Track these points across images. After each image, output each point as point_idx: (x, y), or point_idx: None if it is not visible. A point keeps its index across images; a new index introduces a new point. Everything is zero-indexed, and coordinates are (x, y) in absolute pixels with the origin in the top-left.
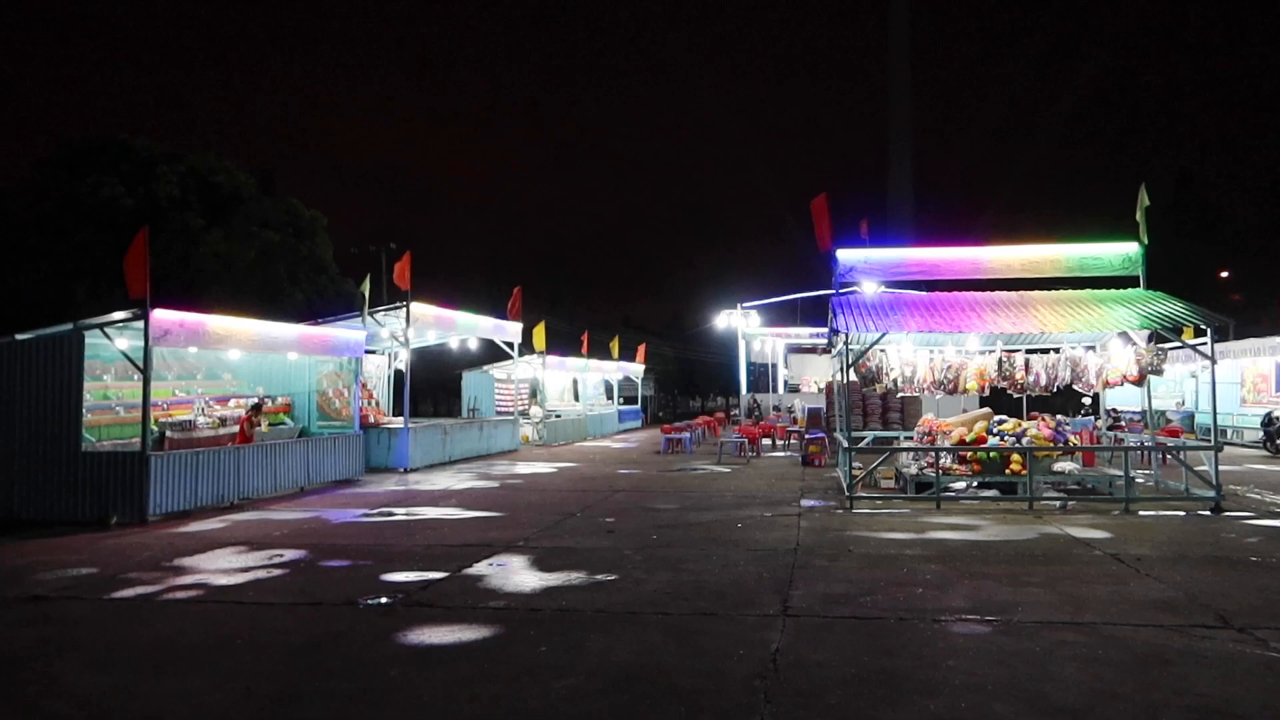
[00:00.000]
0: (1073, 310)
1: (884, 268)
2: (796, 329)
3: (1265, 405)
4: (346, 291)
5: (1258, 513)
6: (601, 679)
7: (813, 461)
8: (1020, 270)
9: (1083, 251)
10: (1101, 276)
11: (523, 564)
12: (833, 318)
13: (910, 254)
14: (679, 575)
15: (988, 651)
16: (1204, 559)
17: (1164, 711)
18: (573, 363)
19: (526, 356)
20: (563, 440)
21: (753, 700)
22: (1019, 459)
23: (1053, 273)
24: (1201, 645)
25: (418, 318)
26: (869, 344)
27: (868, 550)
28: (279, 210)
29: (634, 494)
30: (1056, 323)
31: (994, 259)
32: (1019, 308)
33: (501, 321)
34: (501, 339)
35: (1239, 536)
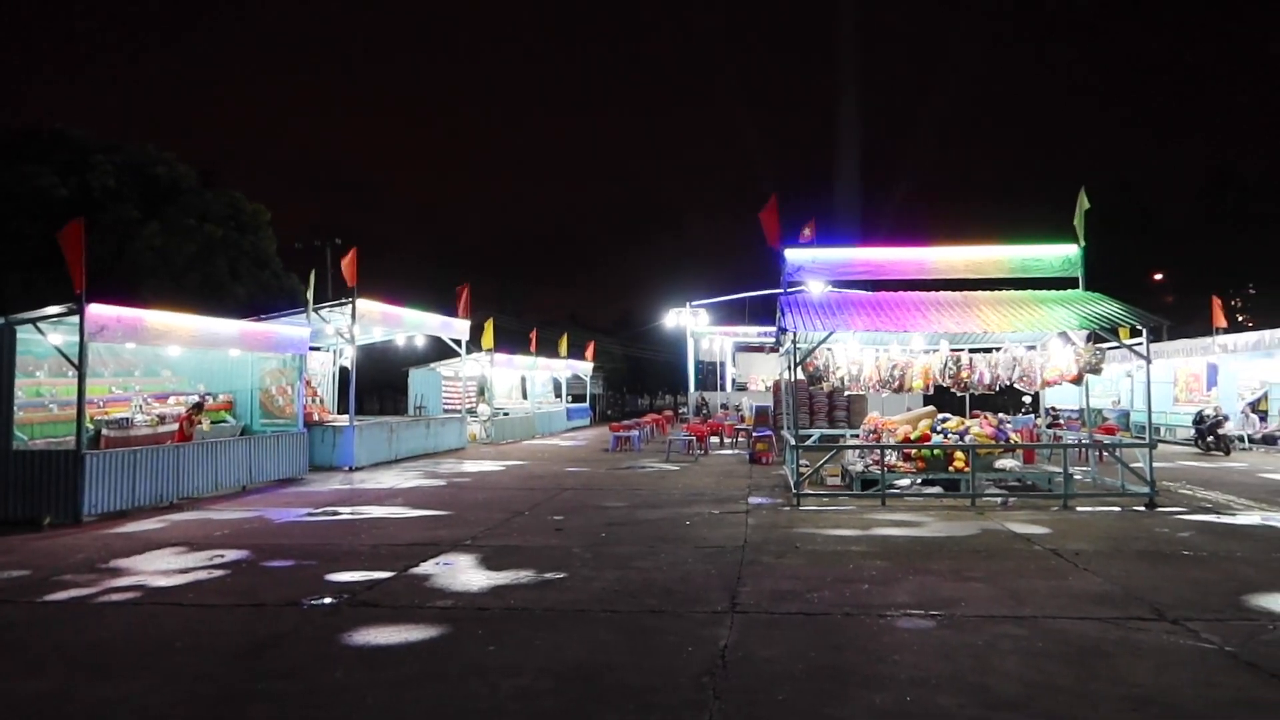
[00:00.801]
0: (1014, 310)
1: (831, 267)
2: (744, 328)
3: (1197, 404)
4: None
5: (1189, 508)
6: (551, 678)
7: (760, 459)
8: (964, 271)
9: (1024, 253)
10: (1042, 277)
11: (470, 563)
12: (780, 316)
13: (857, 254)
14: (628, 573)
15: (932, 645)
16: (1139, 553)
17: (1102, 702)
18: (521, 360)
19: (474, 354)
20: (511, 438)
21: (702, 697)
22: (962, 456)
23: (995, 273)
24: (1137, 637)
25: (364, 314)
26: (816, 343)
27: (815, 547)
28: (221, 203)
29: (582, 492)
30: (999, 323)
31: (938, 259)
32: (963, 308)
33: (449, 319)
34: (449, 336)
35: (1172, 531)
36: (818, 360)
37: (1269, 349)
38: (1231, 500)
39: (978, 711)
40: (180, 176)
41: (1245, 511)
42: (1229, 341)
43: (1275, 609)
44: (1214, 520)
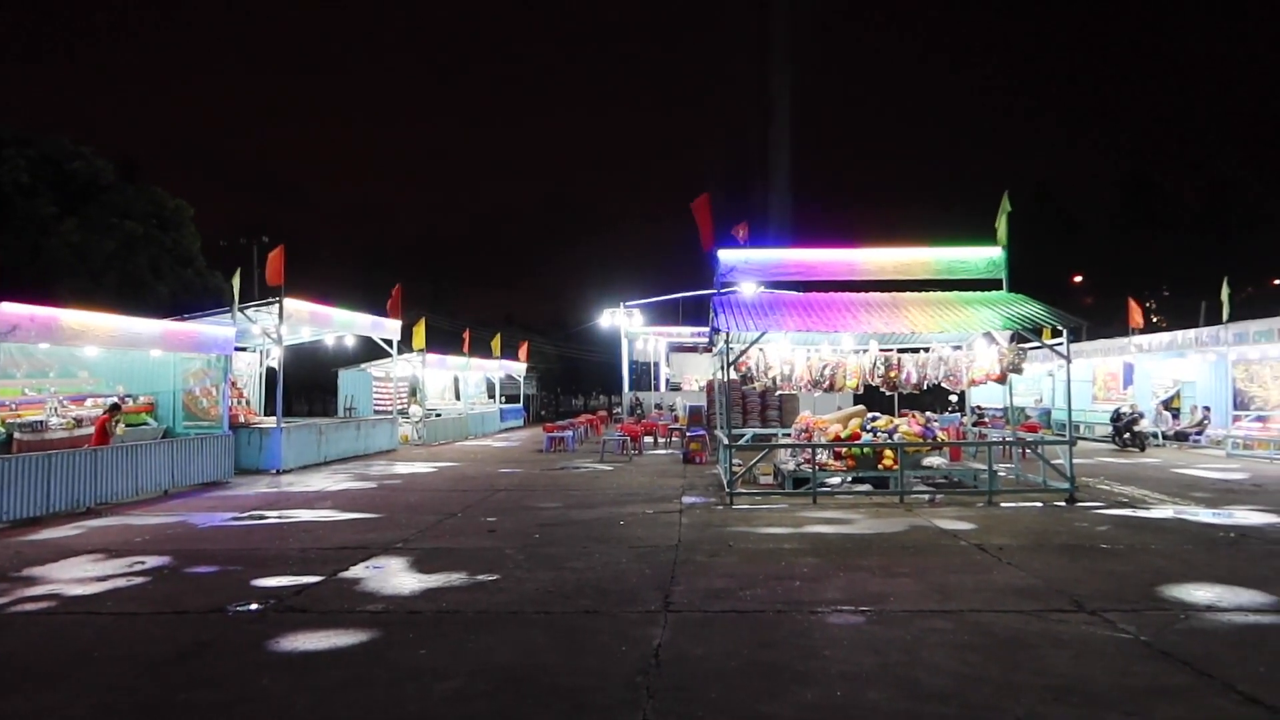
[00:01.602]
0: (941, 311)
1: (763, 268)
2: (678, 328)
3: (1114, 402)
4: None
5: (1107, 503)
6: (484, 680)
7: (694, 459)
8: (893, 272)
9: (950, 255)
10: (968, 279)
11: (402, 566)
12: (714, 317)
13: (789, 255)
14: (561, 574)
15: (862, 641)
16: (1060, 547)
17: (1024, 692)
18: (454, 361)
19: (406, 354)
20: (443, 439)
21: (635, 696)
22: (891, 455)
23: (923, 275)
24: (1058, 629)
25: (292, 314)
26: (749, 343)
27: (747, 545)
28: (142, 199)
29: (516, 493)
30: (926, 323)
31: (868, 261)
32: (891, 308)
33: (380, 318)
34: (380, 336)
35: (1091, 525)
36: (750, 360)
37: (1181, 349)
38: (1146, 495)
39: (906, 705)
40: (99, 171)
41: (1159, 506)
42: (1144, 342)
43: (1186, 599)
44: (1130, 514)
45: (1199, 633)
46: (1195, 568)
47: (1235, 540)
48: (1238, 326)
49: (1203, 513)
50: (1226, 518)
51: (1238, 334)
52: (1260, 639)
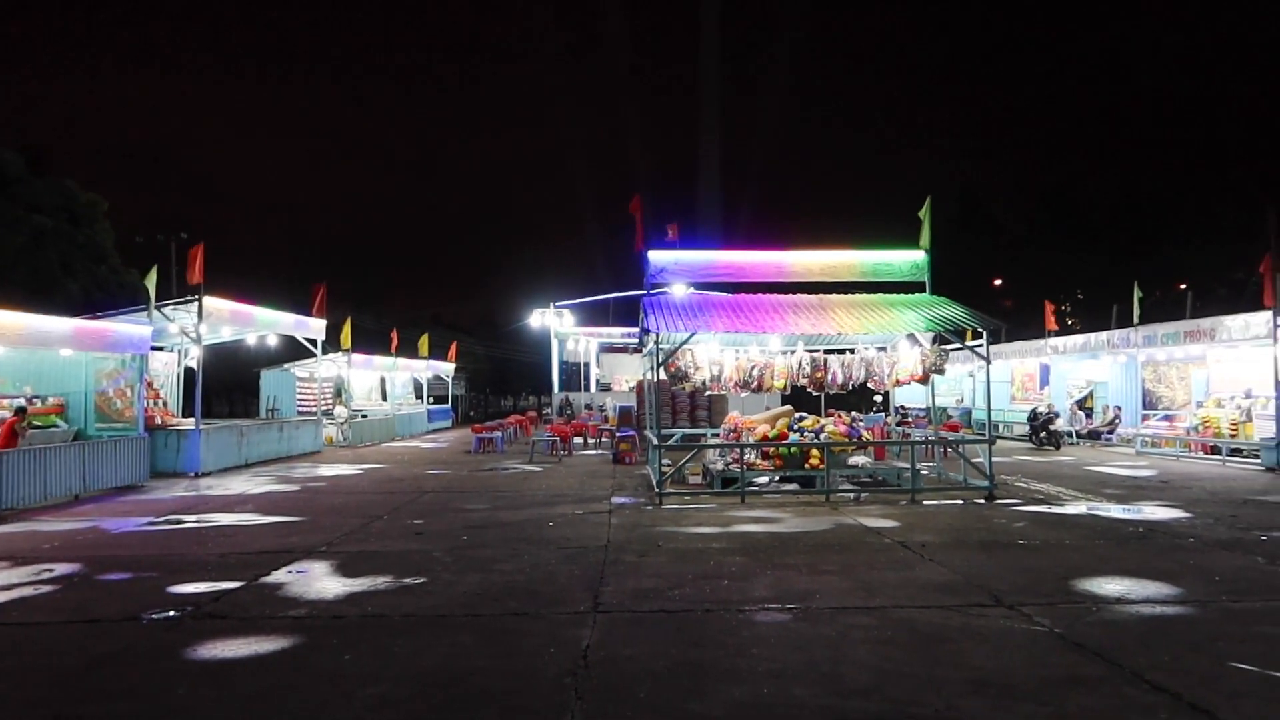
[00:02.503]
0: (866, 313)
1: (693, 269)
2: (609, 328)
3: (1032, 402)
4: (131, 283)
5: (1024, 500)
6: (410, 685)
7: (624, 459)
8: (820, 274)
9: (876, 258)
10: (893, 281)
11: (325, 570)
12: (644, 317)
13: (718, 257)
14: (490, 576)
15: (788, 638)
16: (979, 543)
17: (946, 685)
18: (380, 361)
19: (331, 354)
20: (369, 441)
21: (564, 698)
22: (817, 454)
23: (849, 277)
24: (978, 623)
25: (211, 312)
26: (679, 343)
27: (676, 545)
28: (52, 193)
29: (444, 494)
30: (852, 325)
31: (796, 263)
32: (818, 310)
33: (305, 318)
34: (304, 336)
35: (1009, 522)
36: (680, 361)
37: (1094, 351)
38: (1061, 492)
39: (831, 700)
40: (6, 163)
41: (1073, 502)
42: (1060, 343)
43: (1098, 592)
44: (1046, 511)
45: (1110, 624)
46: (1106, 562)
47: (1143, 535)
48: (1147, 329)
49: (1113, 509)
50: (1135, 513)
51: (1147, 336)
52: (1166, 629)
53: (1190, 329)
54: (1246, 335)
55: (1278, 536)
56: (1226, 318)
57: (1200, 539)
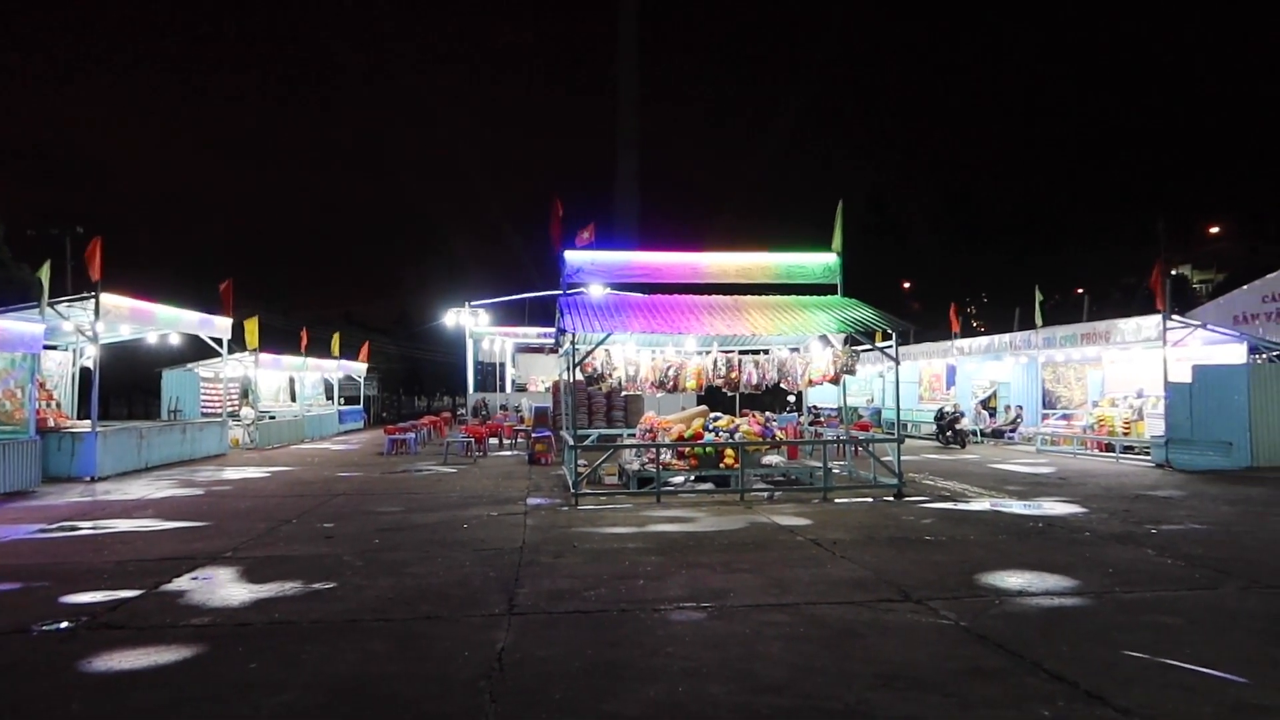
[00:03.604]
0: (780, 315)
1: (610, 270)
2: (525, 328)
3: (938, 402)
4: (21, 279)
5: (931, 497)
6: (319, 692)
7: (539, 460)
8: (735, 276)
9: (790, 260)
10: (806, 283)
11: (230, 576)
12: (560, 317)
13: (635, 257)
14: (402, 579)
15: (703, 636)
16: (888, 540)
17: (855, 680)
18: (289, 361)
19: (237, 354)
20: (277, 443)
21: (478, 701)
22: (732, 454)
23: (763, 279)
24: (887, 618)
25: (109, 310)
26: (595, 344)
27: (592, 545)
28: None
29: (355, 497)
30: (766, 326)
31: (712, 265)
32: (733, 311)
33: (209, 316)
34: (209, 335)
35: (916, 519)
36: (596, 361)
37: (997, 352)
38: (966, 489)
39: (744, 697)
40: None
41: (977, 499)
42: (965, 345)
43: (1001, 586)
44: (952, 508)
45: (1012, 616)
46: (1008, 556)
47: (1043, 530)
48: (1047, 332)
49: (1015, 505)
50: (1036, 509)
51: (1046, 338)
52: (1064, 620)
53: (1087, 331)
54: (1139, 337)
55: (1167, 530)
56: (1120, 321)
57: (1095, 533)
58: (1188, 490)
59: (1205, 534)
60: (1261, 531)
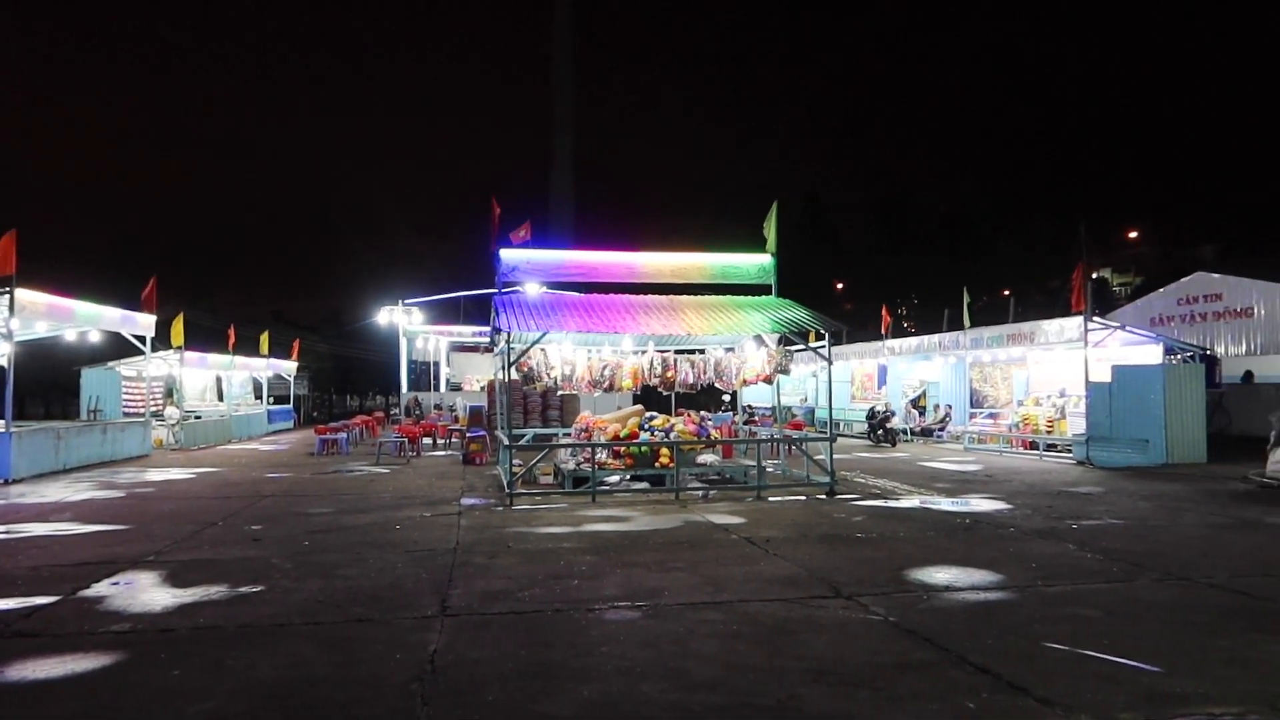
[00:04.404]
0: (715, 315)
1: (546, 269)
2: (459, 327)
3: (870, 401)
4: None
5: (862, 495)
6: (245, 699)
7: (474, 460)
8: (671, 276)
9: (725, 261)
10: (741, 284)
11: (153, 580)
12: (495, 316)
13: (571, 256)
14: (333, 582)
15: (637, 635)
16: (820, 537)
17: (787, 675)
18: (216, 359)
19: (162, 352)
20: (204, 443)
21: (410, 704)
22: (667, 453)
23: (699, 279)
24: (818, 614)
25: (25, 306)
26: (531, 343)
27: (527, 546)
28: None
29: (284, 499)
30: (702, 326)
31: (648, 264)
32: (669, 311)
33: (132, 313)
34: (131, 332)
35: (848, 516)
36: (532, 360)
37: (927, 352)
38: (896, 487)
39: (678, 695)
40: None
41: (907, 496)
42: (896, 345)
43: (929, 581)
44: (882, 505)
45: (939, 611)
46: (936, 552)
47: (970, 526)
48: (974, 332)
49: (944, 502)
50: (963, 506)
51: (974, 339)
52: (989, 614)
53: (1012, 332)
54: (1061, 339)
55: (1087, 525)
56: (1044, 322)
57: (1019, 529)
58: (1107, 486)
59: (1122, 529)
60: (1174, 526)
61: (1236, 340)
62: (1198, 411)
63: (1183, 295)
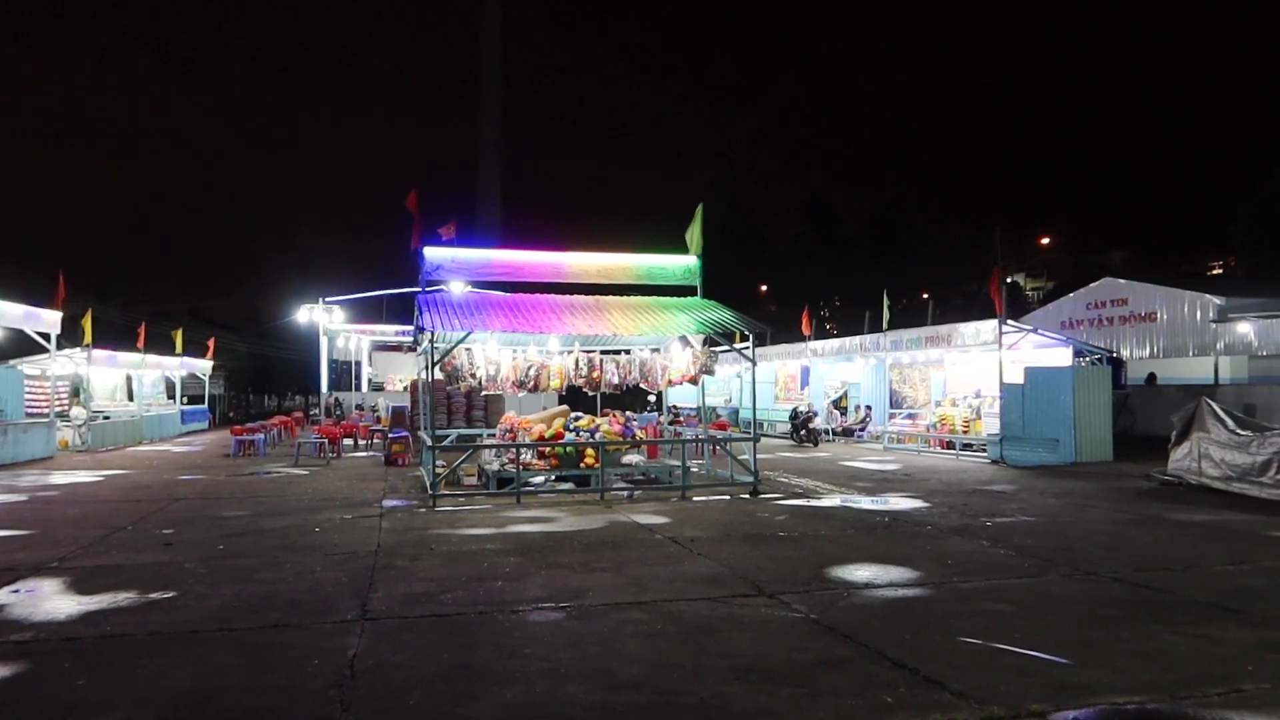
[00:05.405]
0: (641, 315)
1: (471, 268)
2: (382, 326)
3: (793, 402)
4: None
5: (785, 494)
6: (155, 708)
7: (396, 461)
8: (597, 276)
9: (651, 262)
10: (667, 285)
11: (57, 588)
12: (419, 315)
13: (496, 255)
14: (248, 587)
15: (562, 636)
16: (743, 536)
17: (710, 674)
18: (126, 358)
19: (68, 350)
20: (113, 445)
21: (329, 711)
22: (592, 453)
23: (625, 280)
24: (741, 613)
25: None
26: (455, 342)
27: (450, 547)
28: None
29: (198, 502)
30: (627, 326)
31: (574, 264)
32: (595, 311)
33: (36, 309)
34: (35, 329)
35: (771, 515)
36: (456, 360)
37: (849, 354)
38: (818, 486)
39: (602, 695)
40: None
41: (829, 495)
42: (818, 346)
43: (849, 579)
44: (804, 504)
45: (858, 608)
46: (856, 550)
47: (889, 524)
48: (894, 335)
49: (864, 500)
50: (882, 504)
51: (894, 341)
52: (906, 610)
53: (931, 335)
54: (977, 341)
55: (1000, 522)
56: (961, 325)
57: (936, 526)
58: (1019, 485)
59: (1033, 525)
60: (1082, 523)
61: (1141, 343)
62: (1105, 412)
63: (1091, 300)
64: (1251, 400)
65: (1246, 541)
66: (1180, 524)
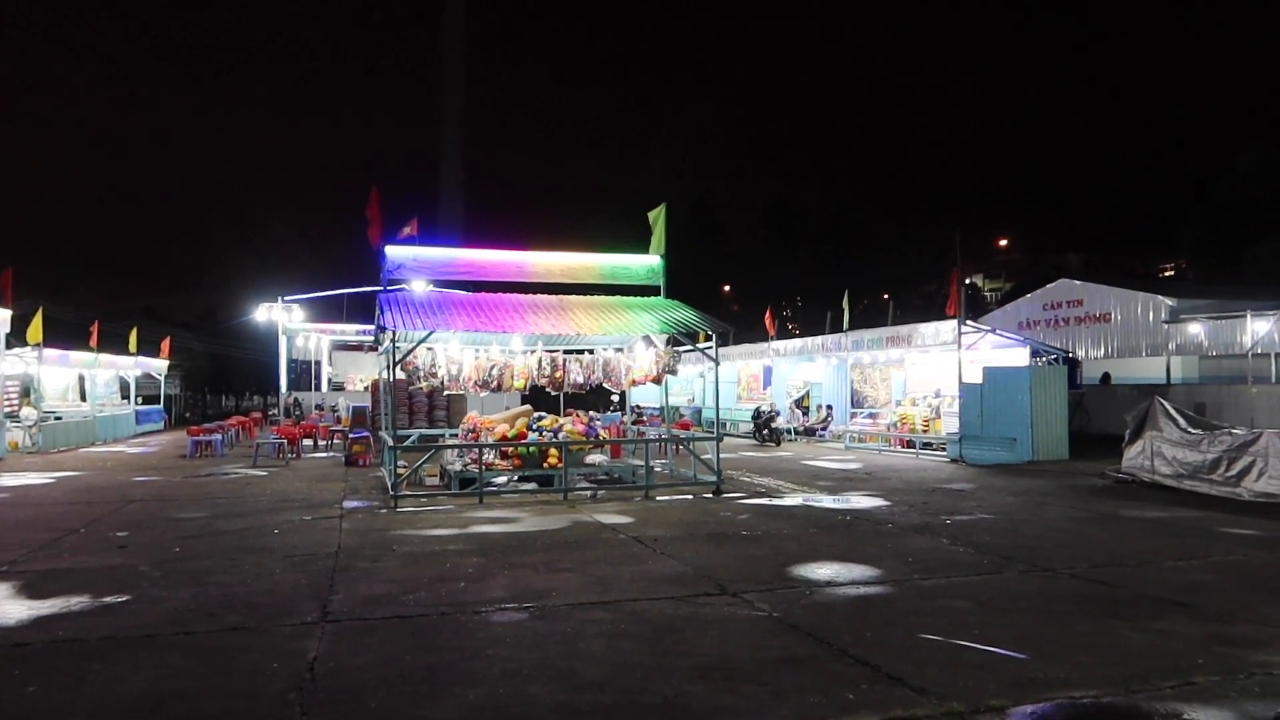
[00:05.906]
0: (605, 315)
1: (433, 266)
2: (342, 325)
3: (756, 401)
4: None
5: (748, 493)
6: (109, 715)
7: (357, 461)
8: (560, 276)
9: (614, 261)
10: (630, 285)
11: (5, 592)
12: (380, 314)
13: (459, 254)
14: (205, 589)
15: (524, 637)
16: (707, 536)
17: (673, 673)
18: (78, 357)
19: (18, 349)
20: (65, 446)
21: (288, 714)
22: (556, 453)
23: (588, 279)
24: (704, 612)
25: None
26: (417, 341)
27: (411, 548)
28: None
29: (153, 503)
30: (591, 326)
31: (537, 264)
32: (559, 311)
33: None
34: None
35: (733, 514)
36: (418, 359)
37: (810, 354)
38: (781, 485)
39: (565, 696)
40: None
41: (791, 494)
42: (780, 346)
43: (811, 577)
44: (767, 503)
45: (821, 606)
46: (818, 549)
47: (850, 522)
48: (855, 334)
49: (826, 499)
50: (844, 503)
51: (855, 341)
52: (868, 608)
53: (891, 335)
54: (937, 341)
55: (959, 520)
56: (921, 325)
57: (897, 524)
58: (978, 483)
59: (992, 523)
60: (1039, 520)
61: (1096, 344)
62: (1061, 411)
63: (1048, 301)
64: (1202, 399)
65: (1197, 537)
66: (1134, 521)
